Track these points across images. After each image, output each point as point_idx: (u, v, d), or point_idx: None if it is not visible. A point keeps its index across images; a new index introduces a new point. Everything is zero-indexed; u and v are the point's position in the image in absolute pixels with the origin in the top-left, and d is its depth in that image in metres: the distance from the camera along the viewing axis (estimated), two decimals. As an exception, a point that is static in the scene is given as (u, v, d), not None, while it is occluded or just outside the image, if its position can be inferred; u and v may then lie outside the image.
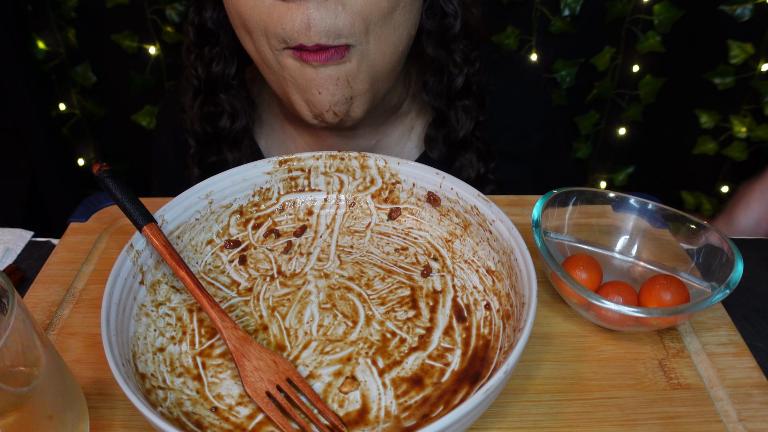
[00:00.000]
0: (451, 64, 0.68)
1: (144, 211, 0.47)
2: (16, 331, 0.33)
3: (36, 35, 1.26)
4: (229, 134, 0.73)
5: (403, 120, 0.76)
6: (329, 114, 0.62)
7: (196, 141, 0.74)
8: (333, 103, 0.61)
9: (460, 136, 0.71)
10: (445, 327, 0.46)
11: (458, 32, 0.66)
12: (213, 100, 0.71)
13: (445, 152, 0.73)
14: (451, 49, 0.68)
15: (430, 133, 0.73)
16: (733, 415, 0.42)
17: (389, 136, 0.76)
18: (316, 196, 0.57)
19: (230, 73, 0.70)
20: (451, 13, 0.65)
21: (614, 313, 0.45)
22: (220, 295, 0.49)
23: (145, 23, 1.24)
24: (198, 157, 0.74)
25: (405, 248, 0.53)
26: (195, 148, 0.74)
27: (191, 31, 0.69)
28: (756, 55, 1.24)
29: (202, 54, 0.70)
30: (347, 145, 0.74)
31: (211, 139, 0.73)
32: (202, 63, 0.70)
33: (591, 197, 0.54)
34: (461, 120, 0.71)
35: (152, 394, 0.40)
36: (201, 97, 0.72)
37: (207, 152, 0.74)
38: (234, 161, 0.74)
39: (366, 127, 0.73)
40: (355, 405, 0.41)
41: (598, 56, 1.28)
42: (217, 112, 0.72)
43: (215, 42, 0.69)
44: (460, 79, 0.68)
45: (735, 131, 1.33)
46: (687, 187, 1.44)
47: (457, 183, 0.52)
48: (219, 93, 0.71)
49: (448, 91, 0.69)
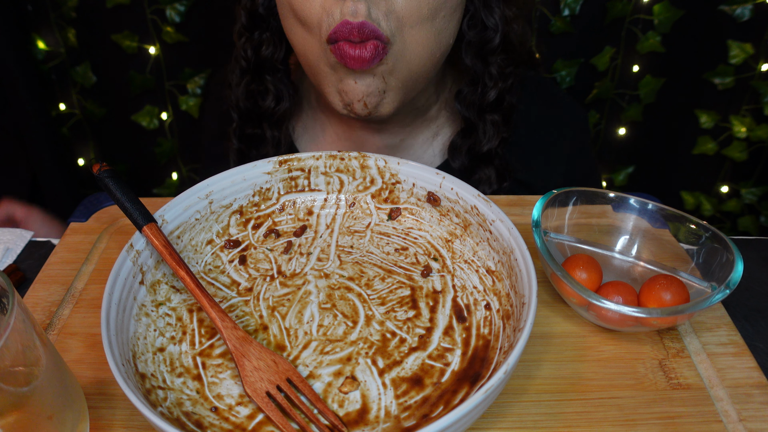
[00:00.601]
0: (486, 77, 0.69)
1: (144, 211, 0.47)
2: (16, 331, 0.33)
3: (36, 35, 1.26)
4: (272, 115, 0.75)
5: (429, 125, 0.77)
6: (359, 104, 0.62)
7: (239, 116, 0.76)
8: (366, 93, 0.61)
9: (484, 149, 0.72)
10: (445, 327, 0.46)
11: (497, 46, 0.67)
12: (259, 81, 0.74)
13: (467, 163, 0.74)
14: (489, 62, 0.69)
15: (456, 141, 0.74)
16: (733, 415, 0.42)
17: (414, 138, 0.77)
18: (316, 196, 0.57)
19: (278, 57, 0.72)
20: (491, 26, 0.66)
21: (614, 313, 0.45)
22: (220, 295, 0.49)
23: (145, 23, 1.24)
24: (239, 131, 0.77)
25: (405, 248, 0.53)
26: (237, 122, 0.76)
27: (243, 14, 0.71)
28: (756, 55, 1.24)
29: (252, 37, 0.72)
30: (374, 139, 0.76)
31: (253, 116, 0.76)
32: (252, 46, 0.72)
33: (591, 197, 0.54)
34: (488, 133, 0.72)
35: (152, 394, 0.40)
36: (248, 78, 0.74)
37: (248, 127, 0.77)
38: (272, 139, 0.76)
39: (393, 125, 0.74)
40: (355, 405, 0.41)
41: (598, 56, 1.28)
42: (262, 92, 0.74)
43: (265, 27, 0.71)
44: (494, 92, 0.69)
45: (735, 131, 1.33)
46: (687, 187, 1.44)
47: (457, 183, 0.52)
48: (266, 75, 0.73)
49: (480, 102, 0.70)
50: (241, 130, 0.77)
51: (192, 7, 1.23)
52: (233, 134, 0.77)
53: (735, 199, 1.42)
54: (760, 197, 1.40)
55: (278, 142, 0.77)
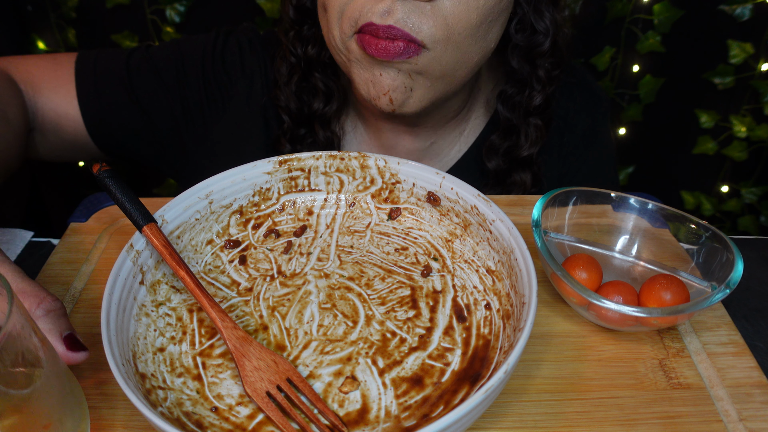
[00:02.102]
0: (534, 80, 0.68)
1: (144, 211, 0.47)
2: (13, 333, 0.33)
3: (36, 35, 1.26)
4: (323, 115, 0.73)
5: (459, 124, 0.76)
6: (385, 98, 0.60)
7: (290, 117, 0.74)
8: (392, 87, 0.59)
9: (524, 154, 0.71)
10: (445, 327, 0.46)
11: (547, 50, 0.66)
12: (308, 79, 0.72)
13: (503, 165, 0.73)
14: (537, 65, 0.68)
15: (494, 142, 0.73)
16: (734, 415, 0.42)
17: (444, 139, 0.76)
18: (316, 196, 0.57)
19: (326, 53, 0.70)
20: (541, 30, 0.65)
21: (614, 313, 0.45)
22: (220, 295, 0.49)
23: (145, 23, 1.24)
24: (290, 134, 0.74)
25: (405, 248, 0.53)
26: (289, 124, 0.74)
27: (290, 9, 0.70)
28: (756, 55, 1.24)
29: (300, 33, 0.70)
30: (404, 142, 0.74)
31: (304, 117, 0.74)
32: (300, 42, 0.70)
33: (591, 197, 0.54)
34: (530, 137, 0.71)
35: (152, 394, 0.40)
36: (297, 76, 0.72)
37: (300, 128, 0.74)
38: (325, 140, 0.74)
39: (424, 128, 0.73)
40: (355, 405, 0.41)
41: (598, 56, 1.28)
42: (312, 90, 0.72)
43: (313, 22, 0.69)
44: (540, 96, 0.68)
45: (735, 131, 1.33)
46: (687, 187, 1.44)
47: (457, 183, 0.52)
48: (315, 72, 0.71)
49: (527, 105, 0.69)
50: (293, 132, 0.74)
51: (192, 7, 1.23)
52: (283, 137, 0.75)
53: (735, 199, 1.42)
54: (760, 197, 1.40)
55: (330, 143, 0.74)
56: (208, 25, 1.24)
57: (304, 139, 0.74)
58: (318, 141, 0.74)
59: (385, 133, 0.74)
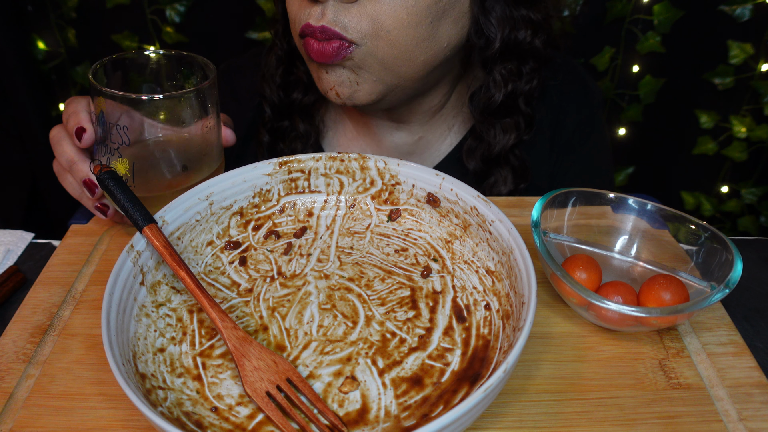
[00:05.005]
0: (491, 83, 0.69)
1: (144, 212, 0.48)
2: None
3: (36, 35, 1.26)
4: (303, 107, 0.77)
5: (446, 120, 0.77)
6: (332, 93, 0.65)
7: (272, 108, 0.78)
8: (337, 83, 0.63)
9: (494, 153, 0.72)
10: (444, 327, 0.46)
11: (495, 52, 0.66)
12: (293, 70, 0.76)
13: (480, 165, 0.74)
14: (491, 68, 0.68)
15: (470, 144, 0.74)
16: (734, 415, 0.42)
17: (432, 134, 0.78)
18: (316, 197, 0.57)
19: None
20: (489, 33, 0.65)
21: (614, 313, 0.45)
22: (220, 295, 0.49)
23: (145, 23, 1.25)
24: (270, 124, 0.79)
25: (405, 249, 0.53)
26: (269, 115, 0.78)
27: (278, 4, 0.73)
28: (756, 55, 1.24)
29: (286, 27, 0.73)
30: (391, 136, 0.77)
31: (285, 108, 0.78)
32: (285, 36, 0.75)
33: (590, 198, 0.55)
34: (498, 137, 0.71)
35: (152, 394, 0.40)
36: (283, 67, 0.76)
37: (280, 119, 0.78)
38: (304, 132, 0.78)
39: (409, 123, 0.75)
40: (355, 405, 0.41)
41: (598, 56, 1.28)
42: (294, 82, 0.77)
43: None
44: (498, 96, 0.69)
45: (735, 131, 1.33)
46: (687, 187, 1.44)
47: (457, 184, 0.52)
48: (299, 63, 0.75)
49: (485, 107, 0.70)
50: (273, 122, 0.78)
51: (192, 7, 1.23)
52: (263, 127, 0.79)
53: (735, 200, 1.42)
54: (760, 197, 1.40)
55: (308, 135, 0.78)
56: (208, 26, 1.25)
57: (286, 132, 0.78)
58: (299, 134, 0.78)
59: (371, 128, 0.77)
